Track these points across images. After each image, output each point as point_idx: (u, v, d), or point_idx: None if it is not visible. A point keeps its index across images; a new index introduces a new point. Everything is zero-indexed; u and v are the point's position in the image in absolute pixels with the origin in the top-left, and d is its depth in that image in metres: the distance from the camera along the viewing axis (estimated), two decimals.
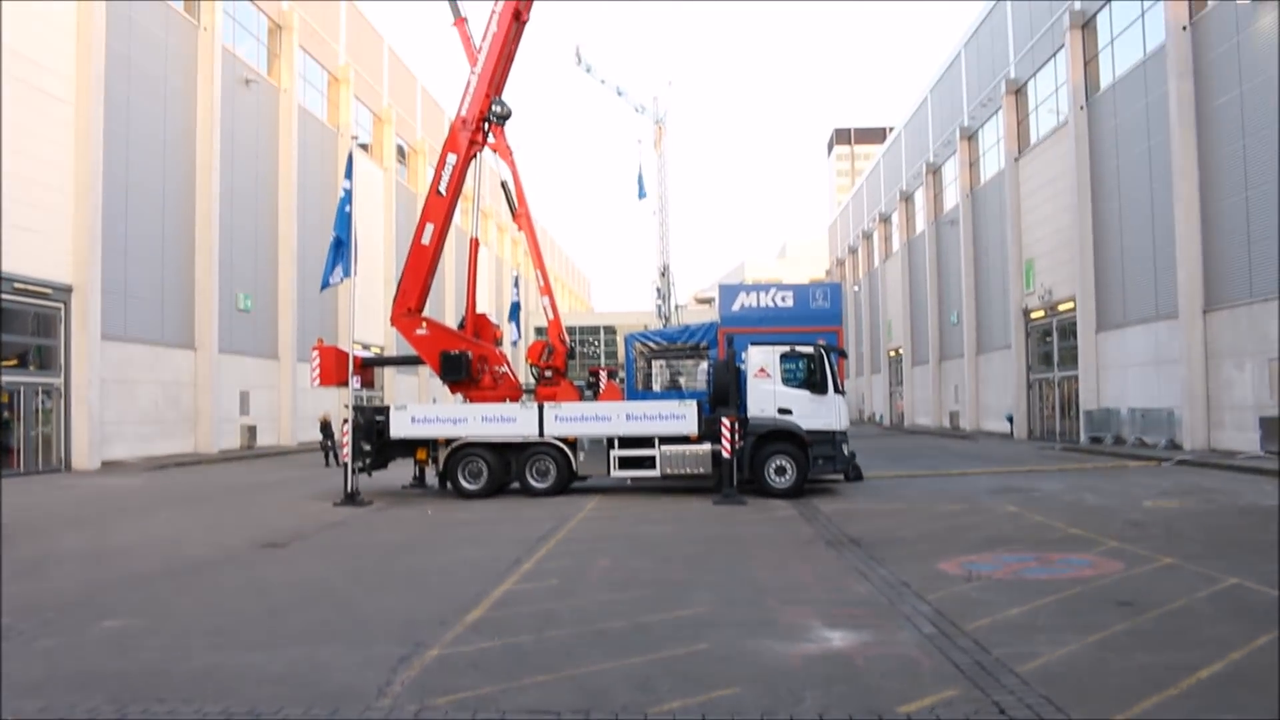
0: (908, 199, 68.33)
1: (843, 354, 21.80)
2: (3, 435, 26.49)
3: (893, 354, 74.33)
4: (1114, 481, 22.84)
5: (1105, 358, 37.03)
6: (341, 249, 20.10)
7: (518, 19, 23.03)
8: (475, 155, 23.46)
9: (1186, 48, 30.68)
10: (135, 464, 30.31)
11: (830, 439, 20.19)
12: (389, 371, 51.76)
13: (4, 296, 26.06)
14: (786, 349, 20.49)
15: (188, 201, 35.53)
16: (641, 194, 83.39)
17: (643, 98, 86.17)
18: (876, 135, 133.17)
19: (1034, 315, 44.22)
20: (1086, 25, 38.32)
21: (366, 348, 49.85)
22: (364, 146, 53.68)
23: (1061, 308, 40.95)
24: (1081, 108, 38.23)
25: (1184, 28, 30.77)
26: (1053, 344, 42.68)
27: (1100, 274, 37.38)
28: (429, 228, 22.69)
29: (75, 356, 28.75)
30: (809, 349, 20.45)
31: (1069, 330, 40.11)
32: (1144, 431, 33.17)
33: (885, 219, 75.76)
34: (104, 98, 29.65)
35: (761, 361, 20.44)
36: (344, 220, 20.15)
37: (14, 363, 26.91)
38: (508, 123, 23.91)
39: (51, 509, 19.40)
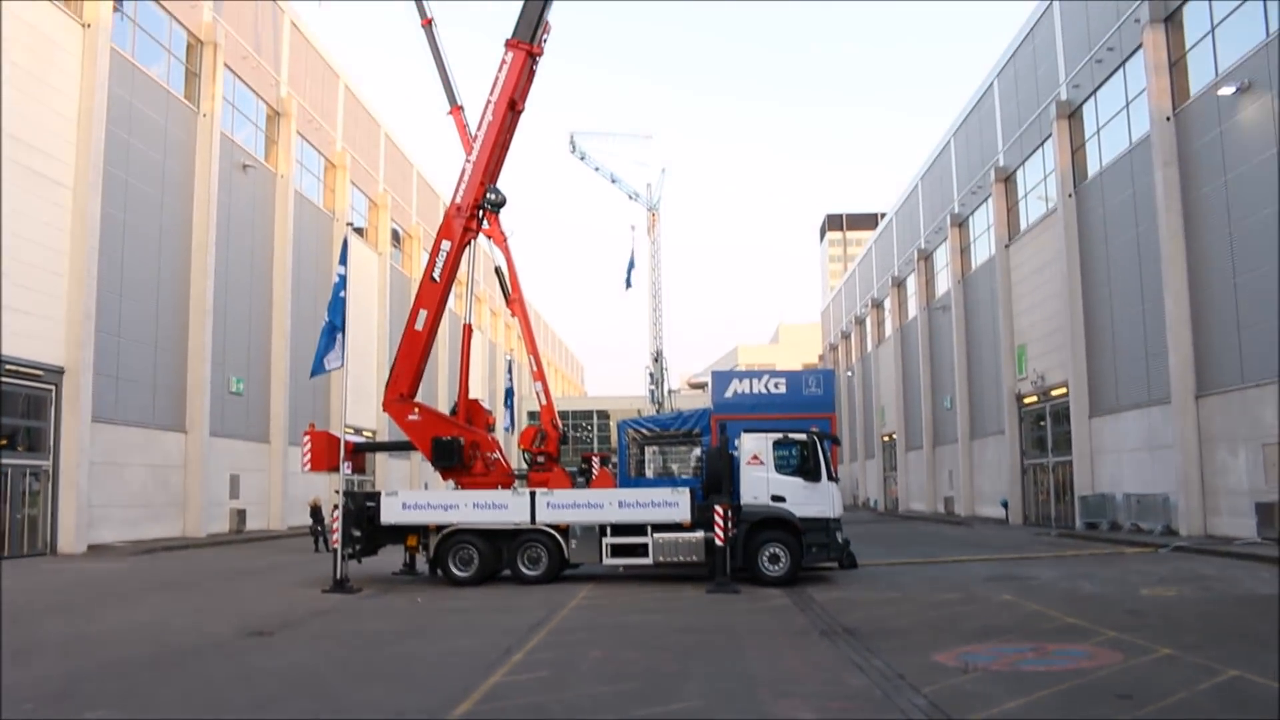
0: (900, 285, 68.83)
1: (836, 441, 21.74)
2: None
3: (886, 439, 74.25)
4: (1110, 569, 22.66)
5: (1099, 443, 37.00)
6: (335, 334, 20.12)
7: (513, 108, 23.36)
8: (469, 242, 23.62)
9: (1171, 137, 31.21)
10: (122, 548, 29.96)
11: (824, 526, 20.04)
12: (380, 455, 51.52)
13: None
14: (779, 436, 20.45)
15: (182, 284, 35.67)
16: (628, 285, 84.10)
17: (636, 184, 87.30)
18: (868, 221, 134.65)
19: (1027, 400, 44.30)
20: (1073, 115, 39.02)
21: (358, 432, 49.68)
22: (359, 231, 54.12)
23: (1054, 393, 41.03)
24: (1070, 195, 38.75)
25: (1168, 118, 31.33)
26: (1046, 429, 42.68)
27: (1092, 359, 37.55)
28: (422, 314, 22.77)
29: (65, 438, 28.59)
30: (802, 436, 20.41)
31: (1063, 415, 40.14)
32: (1139, 517, 33.01)
33: (878, 304, 76.24)
34: (102, 182, 29.93)
35: (755, 448, 20.39)
36: (338, 306, 20.20)
37: (3, 443, 26.74)
38: (502, 210, 24.12)
39: (36, 594, 19.11)
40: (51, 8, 28.27)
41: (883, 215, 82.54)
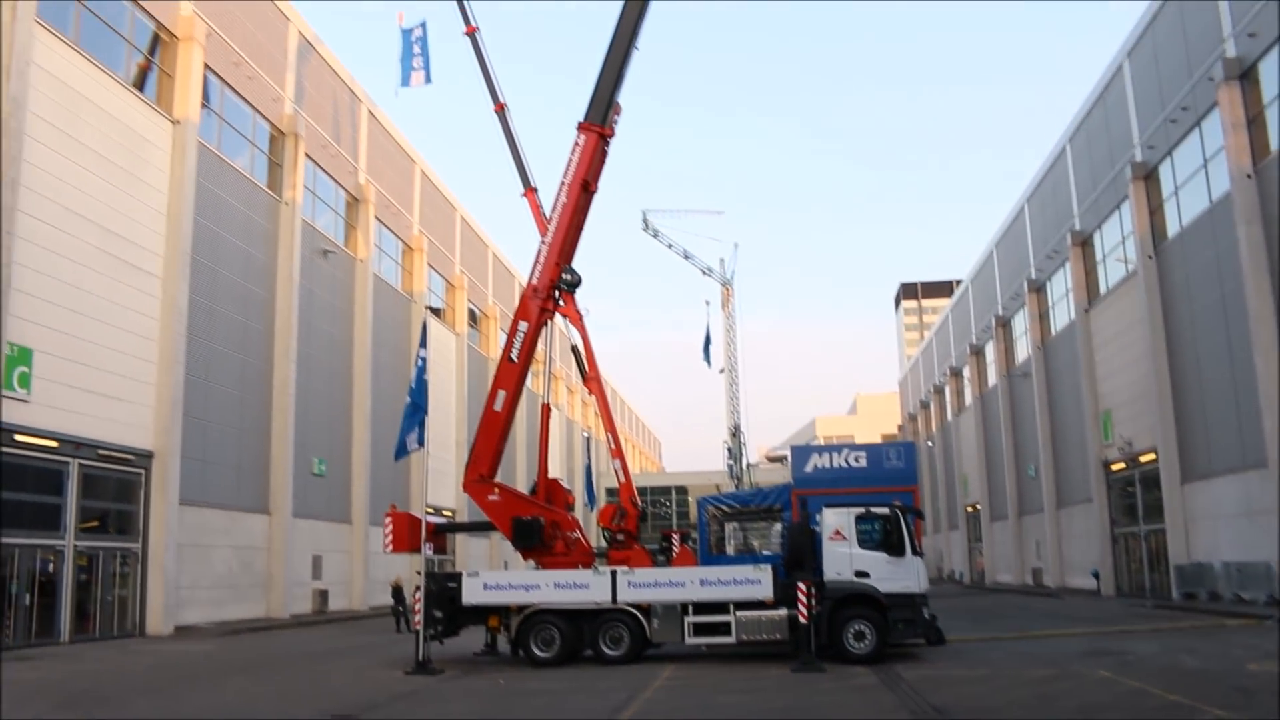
0: (978, 353, 67.94)
1: (919, 514, 21.38)
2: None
3: (970, 509, 72.73)
4: (1213, 642, 21.77)
5: (1193, 510, 35.81)
6: (417, 416, 20.38)
7: (586, 189, 23.67)
8: (546, 322, 23.84)
9: (1253, 194, 30.59)
10: (208, 629, 30.33)
11: (909, 602, 19.60)
12: (460, 535, 51.74)
13: (89, 463, 26.71)
14: (862, 510, 20.16)
15: (266, 368, 36.47)
16: (708, 362, 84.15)
17: (709, 260, 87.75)
18: (944, 289, 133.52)
19: (1115, 467, 43.14)
20: (1149, 176, 38.47)
21: (438, 512, 50.00)
22: (436, 311, 55.05)
23: (1143, 459, 39.91)
24: (1150, 257, 38.06)
25: (1248, 175, 30.75)
26: (1136, 496, 41.44)
27: (1181, 423, 36.51)
28: (501, 394, 22.94)
29: (153, 521, 29.16)
30: (885, 510, 20.09)
31: (1153, 482, 38.94)
32: (1241, 587, 31.75)
33: (956, 373, 75.24)
34: (190, 271, 30.86)
35: (836, 523, 20.10)
36: (421, 388, 20.49)
37: (95, 524, 27.40)
38: (578, 289, 24.36)
39: (125, 676, 19.38)
40: (144, 106, 29.47)
41: (958, 283, 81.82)
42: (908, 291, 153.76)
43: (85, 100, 26.88)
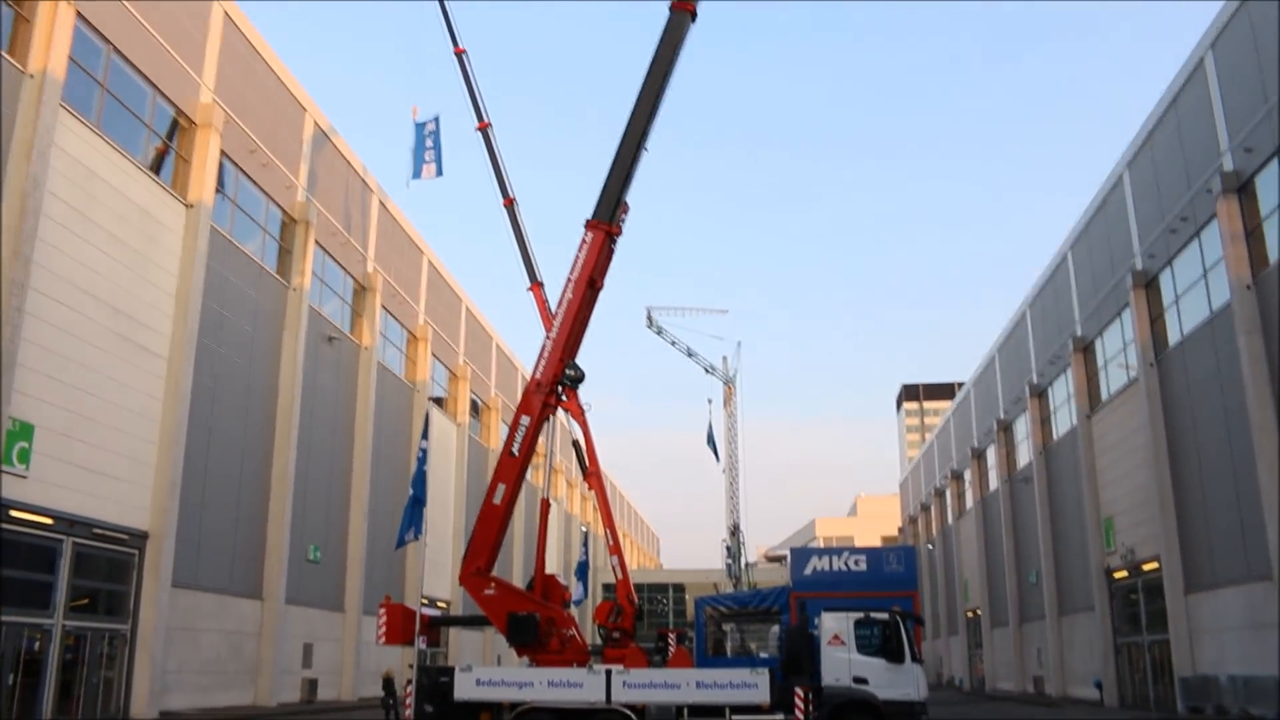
0: (979, 456, 67.74)
1: (919, 620, 21.18)
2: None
3: (970, 615, 71.81)
4: None
5: (1198, 621, 35.32)
6: (419, 509, 20.34)
7: (592, 286, 23.89)
8: (548, 418, 23.86)
9: (1253, 305, 30.79)
10: (193, 715, 29.74)
11: (909, 710, 19.31)
12: (454, 627, 51.10)
13: (82, 542, 26.49)
14: (861, 615, 19.97)
15: (266, 453, 36.39)
16: (717, 457, 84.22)
17: (713, 358, 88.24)
18: (945, 392, 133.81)
19: (1117, 575, 42.70)
20: (1150, 284, 38.79)
21: (433, 603, 49.45)
22: (439, 401, 55.12)
23: (1146, 567, 39.51)
24: (1151, 365, 38.18)
25: (1248, 286, 30.99)
26: (1139, 605, 40.92)
27: (1184, 533, 36.22)
28: (501, 488, 22.87)
29: (144, 603, 28.80)
30: (884, 615, 19.90)
31: (1156, 591, 38.49)
32: (1248, 701, 31.13)
33: (957, 476, 74.94)
34: (195, 354, 30.99)
35: (835, 628, 19.89)
36: (421, 479, 20.47)
37: (84, 602, 27.06)
38: (580, 385, 24.44)
39: None
40: (159, 189, 29.91)
41: (960, 386, 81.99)
42: (909, 393, 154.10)
43: (102, 181, 27.32)
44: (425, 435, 21.17)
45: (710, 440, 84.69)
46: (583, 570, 37.08)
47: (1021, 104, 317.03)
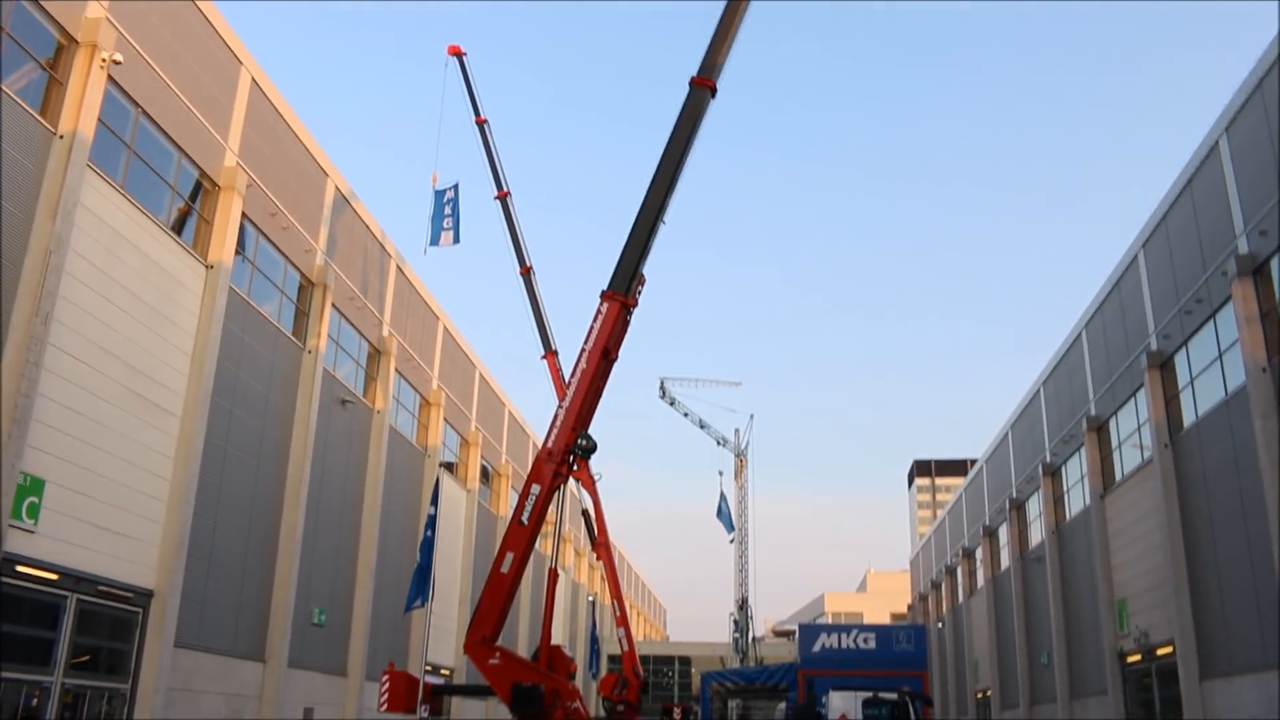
0: (991, 535, 67.16)
1: (928, 701, 20.94)
2: None
3: (980, 695, 70.66)
4: None
5: (1214, 708, 34.65)
6: (426, 575, 20.27)
7: (606, 357, 23.95)
8: (559, 487, 23.80)
9: (1269, 388, 30.65)
10: None
11: None
12: (457, 696, 50.48)
13: (87, 599, 26.35)
14: (870, 695, 19.77)
15: (275, 513, 36.30)
16: (729, 529, 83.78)
17: (725, 430, 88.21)
18: (958, 468, 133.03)
19: (1131, 659, 42.02)
20: (1165, 365, 38.70)
21: (436, 670, 48.90)
22: (449, 466, 55.03)
23: (1160, 652, 38.88)
24: (1166, 446, 37.95)
25: (1263, 369, 30.88)
26: (1153, 690, 40.20)
27: (1199, 617, 35.68)
28: (509, 557, 22.75)
29: (146, 662, 28.53)
30: (893, 695, 19.69)
31: (1170, 676, 37.82)
32: None
33: (969, 554, 74.24)
34: (209, 413, 31.07)
35: (843, 707, 19.66)
36: (427, 545, 20.42)
37: (85, 659, 26.83)
38: (593, 455, 24.40)
39: None
40: (180, 250, 30.24)
41: (972, 462, 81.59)
42: (921, 469, 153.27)
43: (125, 241, 27.64)
44: (435, 501, 21.15)
45: (720, 513, 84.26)
46: (590, 641, 36.68)
47: (1041, 179, 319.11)
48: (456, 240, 46.73)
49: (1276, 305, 30.95)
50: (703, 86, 25.62)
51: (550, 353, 39.43)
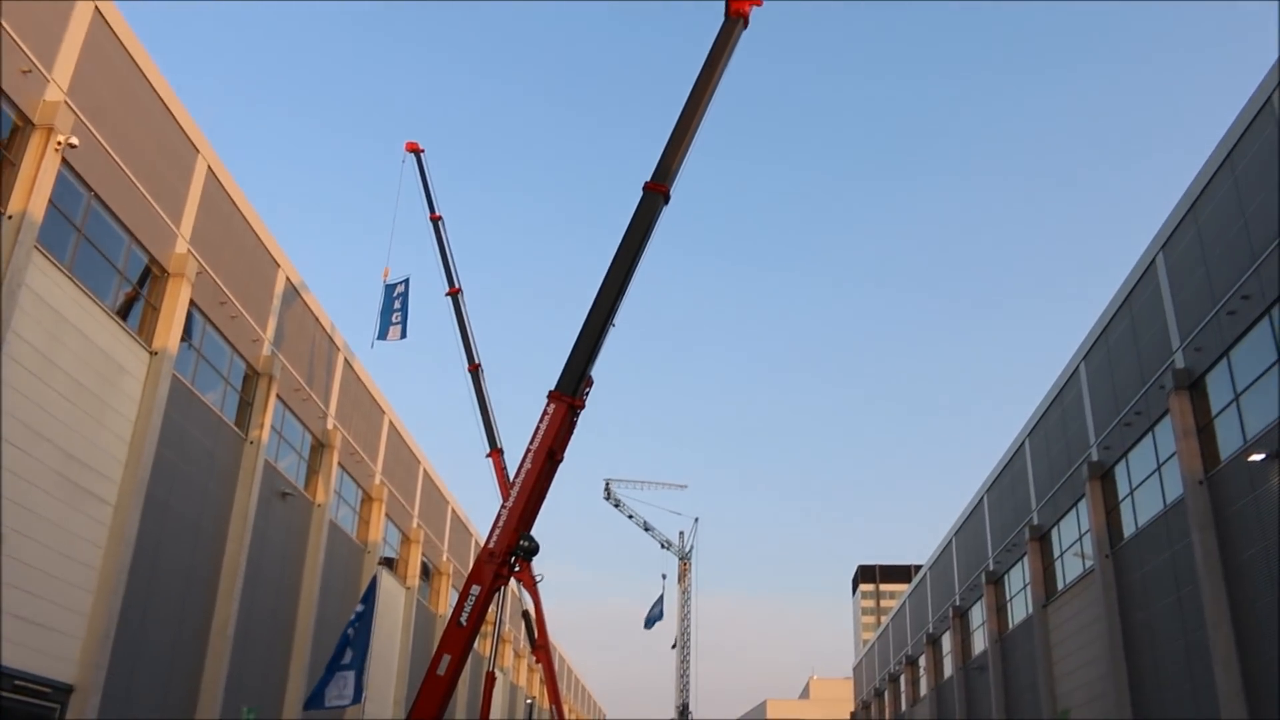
0: (934, 642, 66.93)
1: None
2: None
3: None
4: None
5: None
6: (346, 667, 19.71)
7: (551, 458, 23.79)
8: (500, 588, 23.44)
9: (1206, 501, 31.14)
10: None
11: None
12: None
13: (3, 694, 25.26)
14: None
15: (206, 608, 35.27)
16: (647, 625, 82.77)
17: (669, 533, 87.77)
18: (902, 574, 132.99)
19: None
20: (1105, 476, 39.25)
21: None
22: (389, 562, 54.01)
23: None
24: (1107, 556, 38.28)
25: (1200, 482, 31.41)
26: None
27: None
28: (445, 659, 22.27)
29: None
30: None
31: None
32: None
33: (912, 662, 73.83)
34: (144, 502, 30.34)
35: None
36: (346, 641, 19.91)
37: None
38: (535, 556, 24.11)
39: None
40: (125, 335, 29.84)
41: (916, 568, 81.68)
42: (865, 575, 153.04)
43: (67, 324, 27.22)
44: (365, 598, 20.69)
45: (656, 616, 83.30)
46: None
47: (985, 290, 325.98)
48: (404, 335, 46.72)
49: (1212, 419, 31.64)
50: (656, 192, 25.90)
51: (495, 451, 39.15)
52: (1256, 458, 28.41)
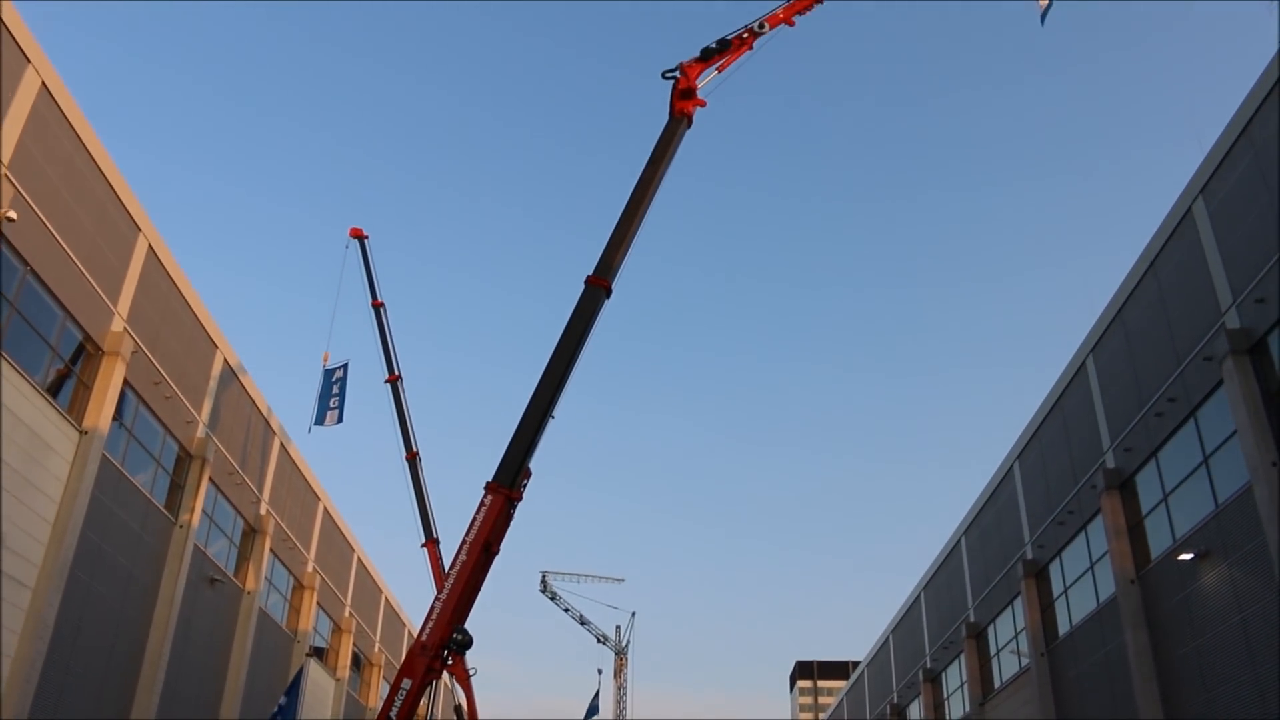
0: None
1: None
2: None
3: None
4: None
5: None
6: None
7: (487, 550, 23.52)
8: (431, 682, 22.97)
9: (1137, 600, 31.47)
10: None
11: None
12: None
13: None
14: None
15: (126, 698, 34.00)
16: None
17: (606, 627, 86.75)
18: (840, 670, 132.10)
19: None
20: (1040, 574, 39.55)
21: None
22: (320, 652, 52.64)
23: None
24: (1042, 654, 38.40)
25: (1132, 580, 31.78)
26: None
27: None
28: None
29: None
30: None
31: None
32: None
33: None
34: (65, 585, 29.41)
35: None
36: None
37: None
38: (469, 649, 23.70)
39: None
40: (54, 413, 29.21)
41: (855, 664, 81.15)
42: (804, 670, 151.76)
43: None
44: (289, 691, 20.17)
45: (587, 719, 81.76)
46: None
47: (920, 385, 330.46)
48: (340, 420, 46.26)
49: (1143, 519, 32.14)
50: (598, 286, 26.02)
51: (431, 541, 38.59)
52: (1185, 557, 28.85)
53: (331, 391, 47.05)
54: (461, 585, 23.02)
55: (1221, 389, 26.89)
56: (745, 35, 29.70)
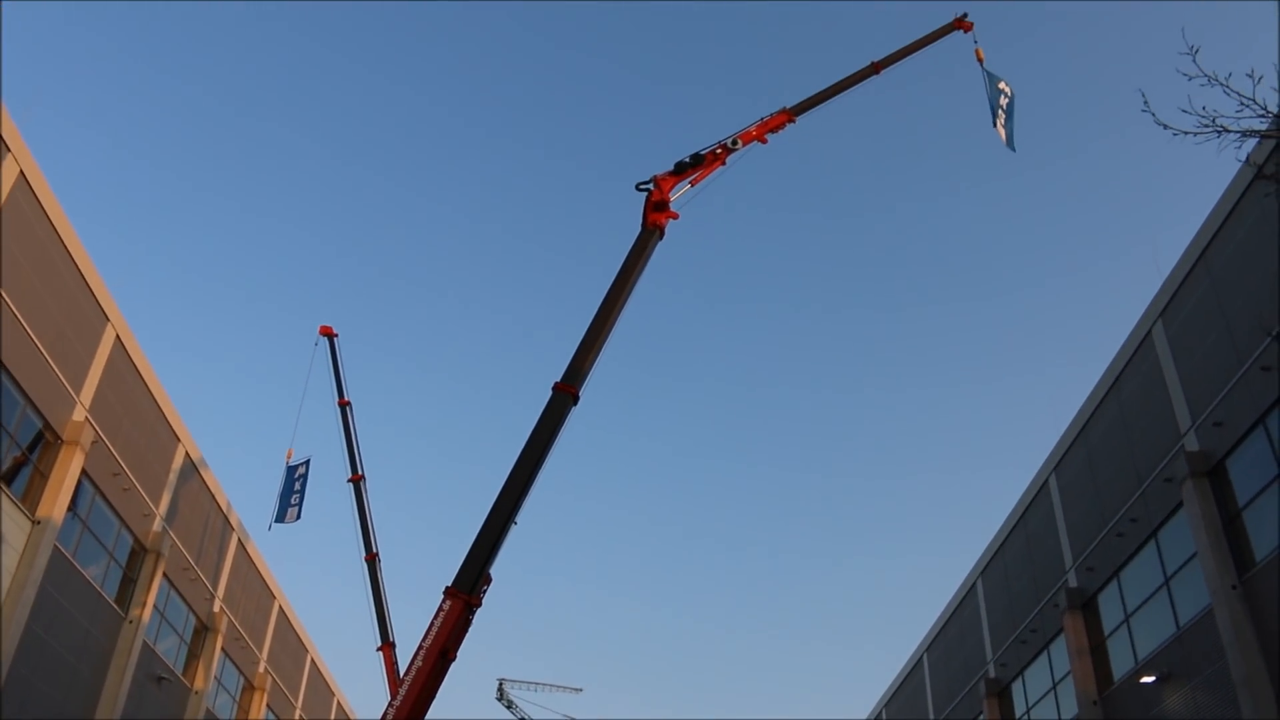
0: None
1: None
2: None
3: None
4: None
5: None
6: None
7: (444, 656, 22.96)
8: None
9: None
10: None
11: None
12: None
13: None
14: None
15: None
16: None
17: None
18: None
19: None
20: (1002, 693, 39.17)
21: None
22: None
23: None
24: None
25: (1094, 701, 31.51)
26: None
27: None
28: None
29: None
30: None
31: None
32: None
33: None
34: (3, 681, 28.47)
35: None
36: None
37: None
38: None
39: None
40: (7, 503, 28.67)
41: None
42: None
43: None
44: None
45: None
46: None
47: (878, 494, 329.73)
48: (299, 517, 45.73)
49: (1105, 639, 32.03)
50: (565, 393, 25.97)
51: (387, 644, 37.77)
52: (1148, 680, 28.70)
53: (293, 488, 46.58)
54: (416, 692, 22.44)
55: (1182, 511, 27.10)
56: (719, 150, 30.47)
